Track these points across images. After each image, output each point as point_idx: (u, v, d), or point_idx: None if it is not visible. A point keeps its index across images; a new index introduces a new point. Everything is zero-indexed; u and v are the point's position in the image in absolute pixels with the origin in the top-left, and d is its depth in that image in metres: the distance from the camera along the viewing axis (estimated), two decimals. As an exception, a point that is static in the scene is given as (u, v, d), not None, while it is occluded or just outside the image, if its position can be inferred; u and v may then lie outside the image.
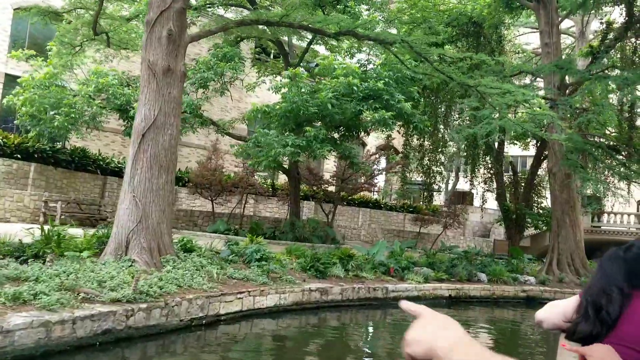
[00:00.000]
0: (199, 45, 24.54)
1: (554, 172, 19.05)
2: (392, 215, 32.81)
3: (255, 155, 15.46)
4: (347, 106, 14.88)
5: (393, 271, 14.15)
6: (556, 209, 19.09)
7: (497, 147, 27.66)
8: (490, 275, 16.10)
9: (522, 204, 27.13)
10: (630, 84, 13.86)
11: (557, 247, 18.83)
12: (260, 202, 27.70)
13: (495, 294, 15.43)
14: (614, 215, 33.16)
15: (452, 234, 33.63)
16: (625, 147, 18.89)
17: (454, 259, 17.29)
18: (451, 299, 14.49)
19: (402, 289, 13.21)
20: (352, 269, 13.18)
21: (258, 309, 9.71)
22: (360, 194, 32.21)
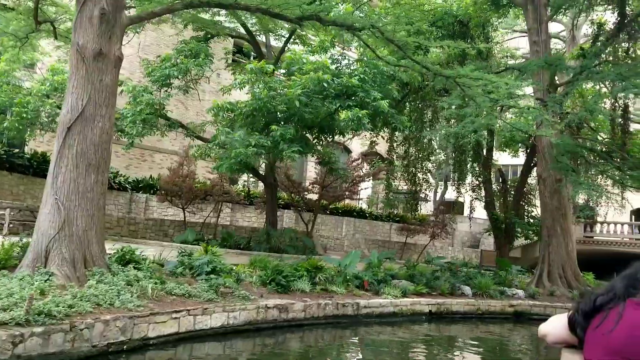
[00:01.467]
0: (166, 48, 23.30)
1: (543, 177, 17.85)
2: (378, 225, 31.53)
3: (217, 156, 14.13)
4: (318, 104, 13.62)
5: (367, 285, 12.82)
6: (546, 217, 17.87)
7: (485, 153, 26.50)
8: (475, 288, 14.81)
9: (512, 212, 25.93)
10: (624, 79, 12.75)
11: (547, 257, 17.58)
12: (237, 211, 26.33)
13: (480, 309, 14.12)
14: (607, 225, 32.03)
15: (440, 244, 32.39)
16: (619, 152, 17.73)
17: (437, 271, 16.00)
18: (431, 315, 13.16)
19: (375, 304, 11.88)
20: (320, 283, 11.85)
21: (200, 330, 8.34)
22: (344, 203, 30.95)
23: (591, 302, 1.91)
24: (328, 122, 14.30)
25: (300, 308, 10.25)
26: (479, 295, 14.64)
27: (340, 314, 11.06)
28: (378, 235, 31.10)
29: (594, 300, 1.91)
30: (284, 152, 12.98)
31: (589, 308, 1.91)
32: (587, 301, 1.93)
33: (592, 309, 1.90)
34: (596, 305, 1.89)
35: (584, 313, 1.93)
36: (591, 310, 1.90)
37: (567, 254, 17.71)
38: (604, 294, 1.91)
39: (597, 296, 1.91)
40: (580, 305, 1.95)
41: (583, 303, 1.95)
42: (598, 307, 1.88)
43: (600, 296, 1.91)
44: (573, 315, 1.96)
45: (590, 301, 1.92)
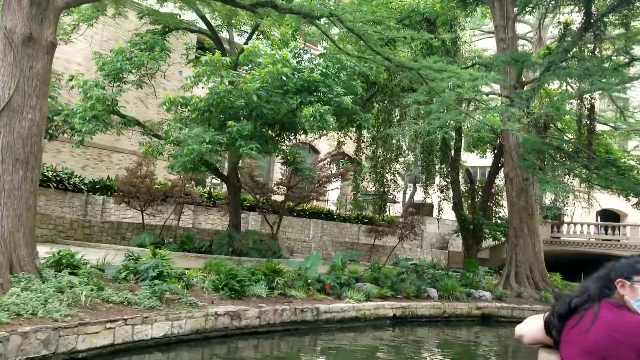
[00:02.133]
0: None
1: (510, 177, 17.58)
2: (346, 226, 31.01)
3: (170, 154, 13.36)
4: (277, 99, 12.97)
5: (329, 288, 12.22)
6: (513, 217, 17.59)
7: (453, 154, 26.27)
8: (441, 290, 14.36)
9: (480, 213, 25.73)
10: (590, 75, 12.49)
11: (514, 258, 17.29)
12: (200, 213, 25.47)
13: (447, 312, 13.67)
14: (574, 225, 32.20)
15: (409, 246, 32.06)
16: (585, 152, 17.57)
17: (403, 273, 15.52)
18: (396, 319, 12.64)
19: (337, 309, 11.28)
20: (279, 287, 11.19)
21: (140, 341, 7.60)
22: (311, 205, 30.37)
23: (566, 304, 1.96)
24: (290, 118, 13.67)
25: (254, 315, 9.58)
26: (445, 297, 14.20)
27: (298, 320, 10.43)
28: (346, 237, 30.59)
29: (569, 302, 1.96)
30: (242, 150, 12.29)
31: (564, 310, 1.97)
32: (563, 303, 1.99)
33: (568, 311, 1.95)
34: (571, 307, 1.94)
35: (559, 315, 1.98)
36: (566, 312, 1.95)
37: (535, 255, 17.46)
38: (578, 295, 1.97)
39: (572, 298, 1.97)
40: (555, 307, 2.00)
41: (558, 305, 2.00)
42: (573, 308, 1.93)
43: (575, 298, 1.96)
44: (549, 318, 2.01)
45: (565, 303, 1.97)
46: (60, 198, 21.57)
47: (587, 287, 2.04)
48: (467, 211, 26.96)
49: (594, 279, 2.10)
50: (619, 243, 30.33)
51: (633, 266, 2.03)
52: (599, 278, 2.09)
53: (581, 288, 2.06)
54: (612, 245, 30.29)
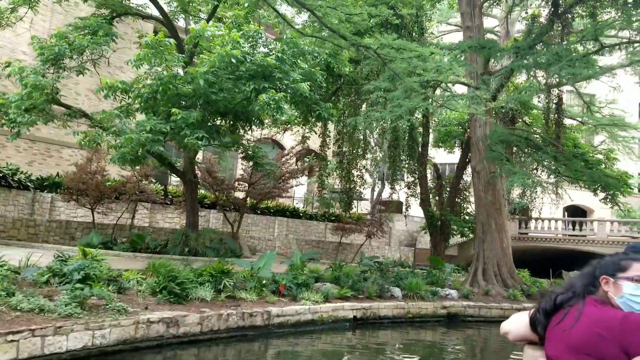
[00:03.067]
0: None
1: (477, 170, 16.96)
2: (313, 224, 30.13)
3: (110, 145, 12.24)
4: (229, 85, 11.97)
5: (284, 289, 11.31)
6: (481, 212, 16.98)
7: (421, 149, 25.62)
8: (406, 289, 13.60)
9: (447, 209, 25.17)
10: (560, 59, 11.88)
11: (482, 255, 16.67)
12: (158, 212, 24.24)
13: (411, 313, 12.91)
14: (542, 221, 32.01)
15: (377, 243, 31.39)
16: (553, 145, 17.06)
17: (366, 272, 14.72)
18: (357, 321, 11.81)
19: (290, 312, 10.37)
20: (227, 289, 10.23)
21: (52, 354, 6.56)
22: (276, 202, 29.41)
23: (552, 300, 2.03)
24: (244, 107, 12.68)
25: (194, 321, 8.59)
26: (409, 297, 13.44)
27: (247, 325, 9.49)
28: (312, 236, 29.72)
29: (554, 299, 2.03)
30: (187, 139, 11.25)
31: (549, 306, 2.03)
32: (548, 300, 2.06)
33: (553, 307, 2.02)
34: (557, 304, 2.02)
35: (544, 312, 2.04)
36: (552, 308, 2.02)
37: (503, 251, 16.88)
38: (563, 292, 2.05)
39: (557, 295, 2.05)
40: (541, 304, 2.07)
41: (544, 302, 2.07)
42: (558, 305, 2.01)
43: (560, 295, 2.04)
44: (535, 314, 2.07)
45: (551, 300, 2.04)
46: (3, 196, 20.14)
47: (573, 284, 2.06)
48: (435, 207, 26.38)
49: (579, 276, 2.11)
50: (585, 238, 30.23)
51: (617, 263, 2.04)
52: (584, 275, 2.09)
53: (567, 285, 2.09)
54: (579, 240, 30.18)
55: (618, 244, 28.90)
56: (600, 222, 30.74)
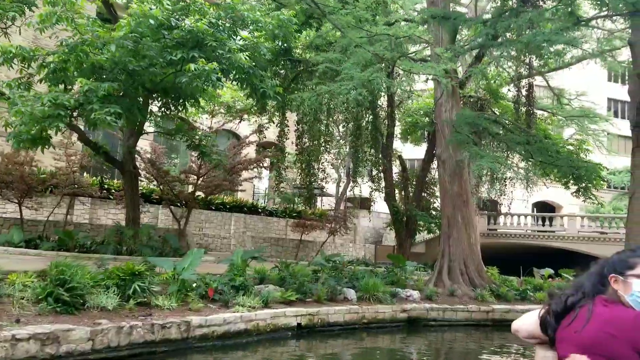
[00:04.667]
0: None
1: (443, 159, 15.48)
2: (273, 221, 28.37)
3: (4, 122, 10.28)
4: (151, 53, 10.15)
5: (213, 294, 9.57)
6: (446, 205, 15.52)
7: (385, 140, 24.14)
8: (361, 291, 11.99)
9: (413, 204, 23.77)
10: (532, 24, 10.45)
11: (448, 251, 15.21)
12: (99, 207, 22.17)
13: (366, 317, 11.29)
14: (511, 217, 30.93)
15: (341, 241, 29.84)
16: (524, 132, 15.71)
17: (318, 272, 13.07)
18: (301, 329, 10.13)
19: (217, 321, 8.62)
20: (139, 295, 8.42)
21: None
22: (233, 197, 27.59)
23: (562, 302, 2.02)
24: (172, 81, 10.87)
25: (83, 336, 6.78)
26: (365, 299, 11.83)
27: (158, 339, 7.71)
28: (272, 233, 27.96)
29: (565, 300, 2.01)
30: (96, 114, 9.38)
31: (560, 308, 2.01)
32: (558, 302, 2.03)
33: (564, 309, 2.00)
34: (567, 306, 1.99)
35: (555, 314, 2.02)
36: (563, 310, 2.00)
37: (470, 247, 15.45)
38: (573, 293, 2.03)
39: (567, 297, 2.02)
40: (551, 306, 2.04)
41: (554, 304, 2.04)
42: (569, 307, 1.98)
43: (570, 296, 2.01)
44: (545, 317, 2.06)
45: (561, 302, 2.02)
46: None
47: (581, 284, 2.05)
48: (400, 202, 24.98)
49: (587, 275, 2.09)
50: (554, 234, 29.28)
51: (625, 261, 2.04)
52: (592, 274, 2.08)
53: (575, 285, 2.08)
54: (549, 236, 29.21)
55: (588, 239, 28.02)
56: (571, 218, 29.83)
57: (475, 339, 12.44)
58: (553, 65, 26.38)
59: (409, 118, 26.51)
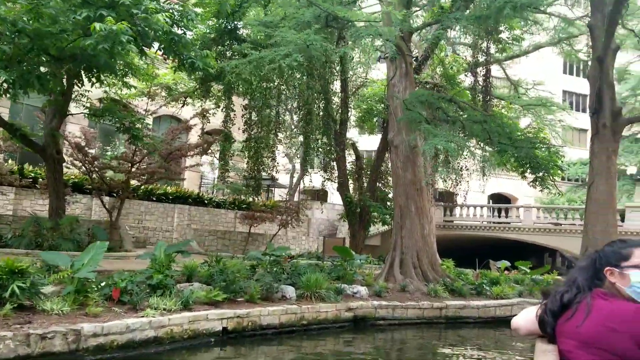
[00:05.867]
0: None
1: (395, 144, 14.32)
2: (220, 213, 26.79)
3: None
4: (51, 12, 8.53)
5: (119, 295, 8.07)
6: (399, 193, 14.38)
7: (339, 128, 22.90)
8: (302, 288, 10.69)
9: (367, 194, 22.65)
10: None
11: (400, 243, 14.09)
12: (25, 197, 20.14)
13: (306, 318, 9.99)
14: (467, 208, 30.30)
15: (293, 233, 28.54)
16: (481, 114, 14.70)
17: (256, 267, 11.70)
18: (228, 335, 8.75)
19: (118, 328, 7.14)
20: (18, 298, 6.86)
21: None
22: (177, 188, 25.86)
23: (558, 300, 2.02)
24: (78, 46, 9.24)
25: None
26: (306, 297, 10.53)
27: (36, 353, 6.19)
28: (220, 226, 26.39)
29: (560, 298, 2.02)
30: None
31: (557, 307, 2.02)
32: (554, 301, 2.04)
33: (560, 307, 2.00)
34: (564, 303, 2.00)
35: (552, 313, 2.02)
36: (559, 308, 2.00)
37: (424, 239, 14.37)
38: (567, 290, 2.03)
39: (562, 294, 2.03)
40: (547, 305, 2.06)
41: (550, 303, 2.05)
42: (566, 304, 1.99)
43: (565, 293, 2.02)
44: (542, 316, 2.05)
45: (557, 300, 2.03)
46: None
47: (575, 280, 2.06)
48: (354, 193, 23.83)
49: (579, 270, 2.10)
50: (510, 226, 28.79)
51: (618, 252, 2.04)
52: (584, 269, 2.09)
53: (568, 281, 2.08)
54: (505, 228, 28.70)
55: (544, 231, 27.63)
56: (527, 209, 29.39)
57: (427, 339, 11.34)
58: (510, 51, 25.75)
59: (364, 105, 25.36)
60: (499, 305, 12.87)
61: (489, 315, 12.61)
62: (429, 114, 12.48)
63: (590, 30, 17.87)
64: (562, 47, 28.08)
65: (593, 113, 17.40)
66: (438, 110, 11.55)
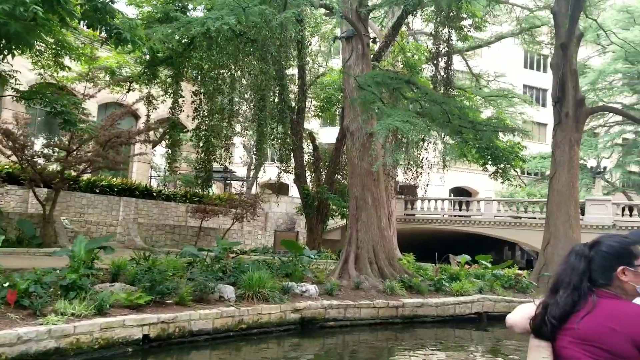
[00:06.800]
0: None
1: (351, 130, 13.34)
2: (171, 206, 25.32)
3: None
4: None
5: (16, 298, 6.81)
6: (355, 184, 13.41)
7: (296, 116, 21.80)
8: (244, 288, 9.58)
9: (325, 186, 21.64)
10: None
11: (355, 237, 13.12)
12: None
13: (245, 322, 8.88)
14: (428, 202, 29.71)
15: (250, 228, 27.35)
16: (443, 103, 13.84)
17: (193, 264, 10.53)
18: (150, 343, 7.58)
19: (7, 339, 5.89)
20: None
21: None
22: (123, 180, 24.32)
23: (560, 308, 1.97)
24: None
25: None
26: (248, 298, 9.42)
27: None
28: (170, 220, 24.94)
29: (563, 305, 1.96)
30: None
31: (560, 313, 1.97)
32: (555, 307, 1.98)
33: (566, 313, 1.95)
34: (567, 310, 1.95)
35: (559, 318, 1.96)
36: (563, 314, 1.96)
37: (381, 232, 13.44)
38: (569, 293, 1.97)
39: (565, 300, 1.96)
40: (549, 312, 1.99)
41: (552, 309, 1.99)
42: (569, 311, 1.95)
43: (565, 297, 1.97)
44: (540, 326, 2.00)
45: (559, 307, 1.97)
46: None
47: (571, 282, 2.00)
48: (312, 185, 22.80)
49: (571, 270, 2.03)
50: (471, 219, 28.33)
51: (628, 251, 1.99)
52: (576, 269, 2.01)
53: (565, 284, 2.02)
54: (466, 221, 28.22)
55: (504, 224, 27.26)
56: (487, 203, 28.98)
57: (382, 341, 10.41)
58: (472, 40, 25.17)
59: (323, 93, 24.34)
60: (459, 303, 12.06)
61: (447, 314, 11.78)
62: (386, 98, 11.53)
63: (554, 17, 17.31)
64: (524, 37, 27.77)
65: (556, 102, 16.86)
66: (395, 92, 10.58)
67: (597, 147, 34.64)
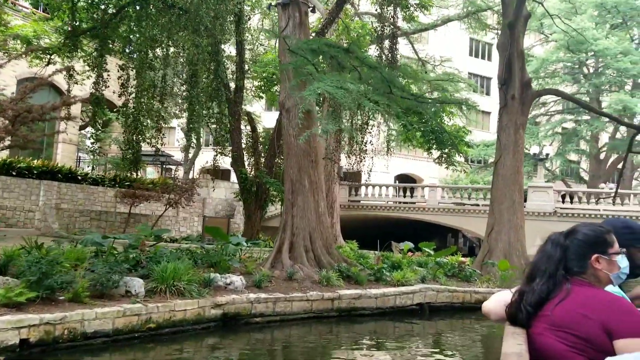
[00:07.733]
0: None
1: (287, 107, 12.23)
2: (98, 191, 23.46)
3: None
4: None
5: None
6: (291, 165, 12.34)
7: (233, 95, 20.46)
8: (156, 281, 8.34)
9: (264, 170, 20.48)
10: None
11: (291, 223, 12.07)
12: None
13: (155, 320, 7.67)
14: (373, 188, 29.05)
15: (186, 214, 25.81)
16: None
17: (98, 255, 9.19)
18: (30, 349, 6.26)
19: None
20: None
21: None
22: (44, 162, 22.30)
23: (536, 295, 1.99)
24: None
25: None
26: (159, 292, 8.19)
27: None
28: (97, 205, 23.10)
29: (538, 292, 1.99)
30: None
31: (535, 300, 1.99)
32: (533, 295, 2.00)
33: (541, 300, 1.98)
34: (542, 297, 1.98)
35: (535, 305, 1.99)
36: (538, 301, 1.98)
37: (318, 218, 12.44)
38: (544, 281, 2.00)
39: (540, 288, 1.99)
40: (525, 300, 2.01)
41: (529, 297, 2.01)
42: (544, 298, 1.97)
43: (542, 285, 1.99)
44: (516, 313, 2.03)
45: (534, 294, 2.00)
46: None
47: (546, 270, 2.02)
48: (250, 168, 21.57)
49: (546, 259, 2.05)
50: (415, 206, 27.89)
51: (603, 239, 2.03)
52: (552, 257, 2.04)
53: (541, 272, 2.03)
54: (410, 208, 27.74)
55: (448, 211, 26.96)
56: (432, 189, 28.59)
57: (315, 337, 9.45)
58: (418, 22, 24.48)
59: (264, 72, 23.06)
60: (400, 294, 11.25)
61: (387, 305, 10.95)
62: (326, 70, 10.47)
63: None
64: (471, 22, 27.38)
65: (502, 84, 16.31)
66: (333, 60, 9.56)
67: (538, 135, 34.97)
